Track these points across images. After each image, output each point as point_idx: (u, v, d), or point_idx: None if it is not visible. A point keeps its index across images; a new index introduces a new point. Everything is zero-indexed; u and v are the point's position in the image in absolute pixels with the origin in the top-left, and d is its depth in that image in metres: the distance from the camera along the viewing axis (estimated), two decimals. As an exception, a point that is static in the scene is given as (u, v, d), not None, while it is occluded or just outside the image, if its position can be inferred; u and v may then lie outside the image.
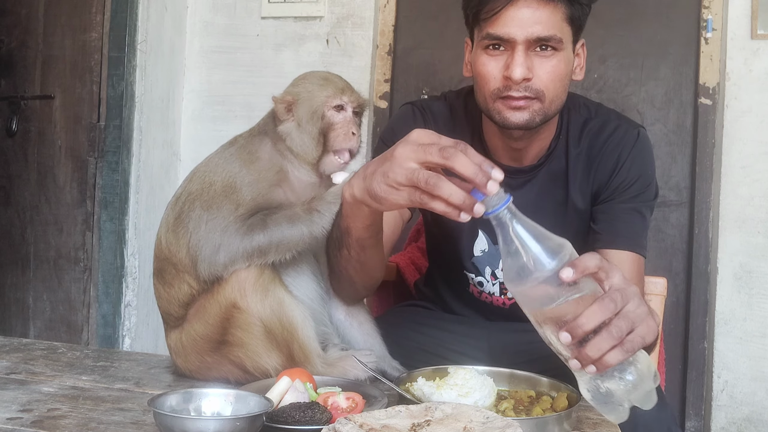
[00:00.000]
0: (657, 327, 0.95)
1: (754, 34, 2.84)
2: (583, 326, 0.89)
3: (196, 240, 1.18)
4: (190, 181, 1.25)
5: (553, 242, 0.93)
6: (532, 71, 1.31)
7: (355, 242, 1.20)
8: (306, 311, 1.19)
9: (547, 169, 1.48)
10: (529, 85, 1.32)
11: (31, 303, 3.14)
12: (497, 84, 1.34)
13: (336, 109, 1.25)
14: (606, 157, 1.45)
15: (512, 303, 1.57)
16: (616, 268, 0.95)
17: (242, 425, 0.86)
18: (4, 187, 3.20)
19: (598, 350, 0.89)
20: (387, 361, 1.29)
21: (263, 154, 1.25)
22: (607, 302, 0.90)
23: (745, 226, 2.86)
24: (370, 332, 1.34)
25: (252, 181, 1.20)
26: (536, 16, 1.29)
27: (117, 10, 2.99)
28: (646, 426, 1.22)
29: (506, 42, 1.31)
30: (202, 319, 1.19)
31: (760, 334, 2.83)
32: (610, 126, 1.47)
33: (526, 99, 1.33)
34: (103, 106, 3.02)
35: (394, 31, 3.23)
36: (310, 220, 1.17)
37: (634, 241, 1.41)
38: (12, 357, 1.31)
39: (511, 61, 1.31)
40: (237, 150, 1.25)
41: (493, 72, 1.34)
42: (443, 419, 0.85)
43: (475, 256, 1.54)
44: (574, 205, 1.47)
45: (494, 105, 1.36)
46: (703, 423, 2.89)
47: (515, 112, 1.34)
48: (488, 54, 1.34)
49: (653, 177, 1.47)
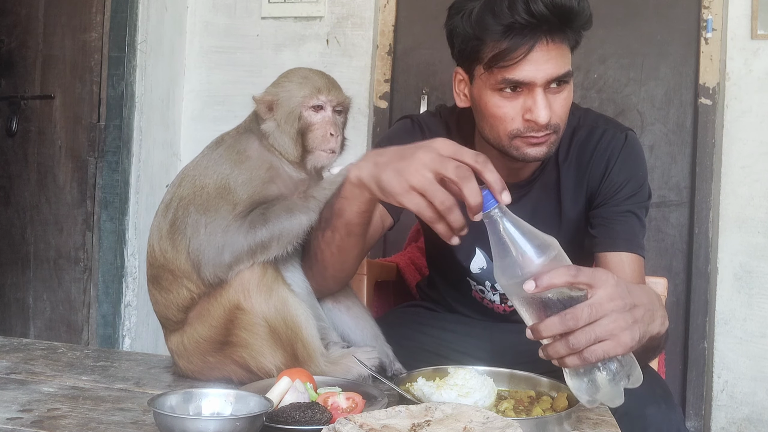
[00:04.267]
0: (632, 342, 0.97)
1: (754, 34, 2.85)
2: (540, 332, 0.97)
3: (196, 245, 1.16)
4: (179, 186, 1.23)
5: (541, 240, 0.99)
6: (551, 109, 1.31)
7: (343, 226, 1.19)
8: (309, 310, 1.19)
9: (541, 182, 1.49)
10: (548, 123, 1.32)
11: (31, 303, 3.14)
12: (517, 125, 1.32)
13: (314, 110, 1.23)
14: (596, 163, 1.46)
15: (513, 310, 1.57)
16: (604, 281, 0.98)
17: (242, 425, 0.86)
18: (4, 187, 3.20)
19: (555, 353, 0.98)
20: (382, 348, 1.29)
21: (252, 152, 1.23)
22: (568, 318, 0.95)
23: (745, 226, 2.86)
24: (367, 324, 1.33)
25: (245, 180, 1.19)
26: (552, 57, 1.28)
27: (117, 10, 2.99)
28: (656, 426, 1.23)
29: (525, 84, 1.30)
30: (204, 321, 1.18)
31: (760, 334, 2.83)
32: (597, 132, 1.47)
33: (546, 136, 1.33)
34: (103, 106, 3.02)
35: (394, 31, 3.23)
36: (307, 208, 1.17)
37: (631, 242, 1.41)
38: (12, 357, 1.31)
39: (533, 105, 1.29)
40: (225, 150, 1.24)
41: (511, 114, 1.32)
42: (443, 419, 0.85)
43: (472, 272, 1.54)
44: (567, 215, 1.48)
45: (512, 143, 1.35)
46: (703, 423, 2.89)
47: (535, 147, 1.34)
48: (503, 96, 1.32)
49: (645, 178, 1.47)
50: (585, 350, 0.95)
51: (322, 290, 1.31)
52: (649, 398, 1.26)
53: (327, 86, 1.25)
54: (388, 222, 1.50)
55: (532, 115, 1.30)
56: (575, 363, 0.96)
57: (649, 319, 1.01)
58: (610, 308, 0.96)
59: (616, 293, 0.97)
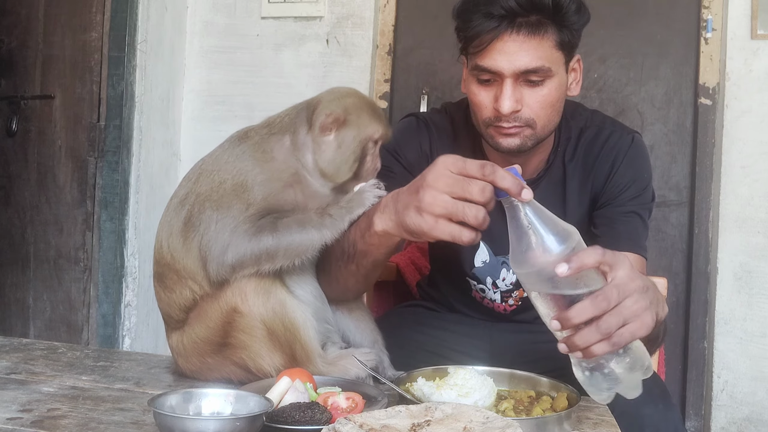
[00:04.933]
0: (652, 322, 0.95)
1: (754, 34, 2.84)
2: (572, 319, 0.92)
3: (206, 240, 1.15)
4: (197, 182, 1.21)
5: (562, 228, 0.95)
6: (521, 102, 1.32)
7: (370, 263, 1.20)
8: (308, 311, 1.18)
9: (546, 181, 1.50)
10: (518, 116, 1.33)
11: (31, 303, 3.14)
12: (488, 113, 1.36)
13: (374, 143, 1.25)
14: (601, 164, 1.46)
15: (512, 309, 1.58)
16: (622, 262, 0.96)
17: (242, 425, 0.86)
18: (4, 187, 3.20)
19: (585, 342, 0.93)
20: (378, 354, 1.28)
21: (279, 154, 1.20)
22: (600, 300, 0.92)
23: (745, 226, 2.86)
24: (368, 327, 1.33)
25: (264, 180, 1.17)
26: (524, 49, 1.29)
27: (117, 10, 2.99)
28: (653, 426, 1.23)
29: (494, 74, 1.32)
30: (203, 323, 1.18)
31: (760, 334, 2.83)
32: (604, 133, 1.48)
33: (516, 127, 1.34)
34: (103, 106, 3.02)
35: (394, 31, 3.23)
36: (322, 225, 1.14)
37: (634, 243, 1.42)
38: (12, 357, 1.31)
39: (500, 94, 1.32)
40: (250, 147, 1.20)
41: (484, 102, 1.36)
42: (443, 419, 0.85)
43: (476, 266, 1.55)
44: (571, 215, 1.48)
45: (487, 131, 1.39)
46: (703, 423, 2.89)
47: (507, 138, 1.36)
48: (479, 84, 1.36)
49: (649, 180, 1.48)
50: (614, 334, 0.92)
51: (342, 300, 1.32)
52: (646, 398, 1.26)
53: (388, 124, 1.26)
54: None
55: (497, 104, 1.32)
56: (604, 350, 0.92)
57: (657, 302, 1.00)
58: (633, 288, 0.94)
59: (633, 274, 0.96)
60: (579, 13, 1.33)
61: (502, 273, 1.53)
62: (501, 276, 1.54)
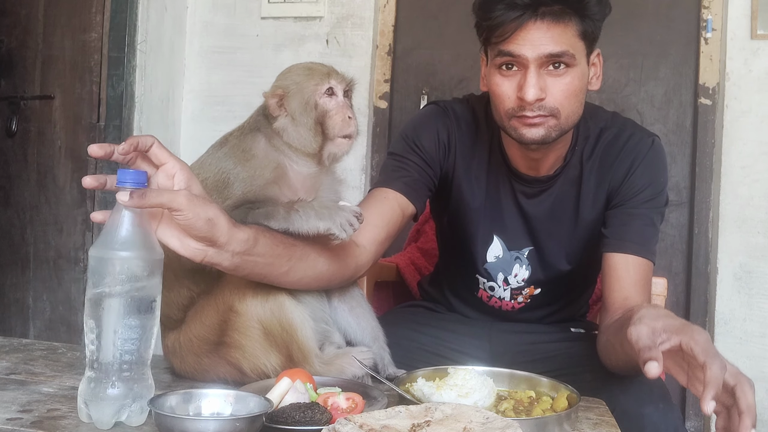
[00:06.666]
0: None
1: (754, 34, 2.84)
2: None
3: None
4: None
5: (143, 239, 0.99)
6: (545, 90, 1.32)
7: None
8: (305, 311, 1.18)
9: (563, 179, 1.50)
10: (543, 104, 1.33)
11: (31, 303, 3.14)
12: (512, 104, 1.35)
13: (328, 96, 1.23)
14: (619, 164, 1.46)
15: (521, 307, 1.57)
16: (715, 354, 1.09)
17: (242, 426, 0.86)
18: (4, 187, 3.20)
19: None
20: (378, 350, 1.28)
21: (258, 151, 1.22)
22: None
23: (745, 226, 2.86)
24: (369, 325, 1.33)
25: (246, 178, 1.18)
26: (547, 36, 1.30)
27: (117, 10, 2.99)
28: (654, 426, 1.23)
29: (518, 62, 1.32)
30: (199, 321, 1.18)
31: (760, 334, 2.83)
32: (625, 134, 1.49)
33: (540, 117, 1.34)
34: (103, 106, 3.02)
35: (394, 31, 3.23)
36: (287, 219, 1.13)
37: (642, 246, 1.41)
38: (12, 357, 1.31)
39: (524, 82, 1.31)
40: (230, 149, 1.23)
41: (507, 92, 1.35)
42: (443, 420, 0.85)
43: (488, 262, 1.55)
44: (585, 214, 1.48)
45: (510, 123, 1.37)
46: (703, 423, 2.89)
47: (531, 128, 1.35)
48: (501, 74, 1.35)
49: (665, 185, 1.48)
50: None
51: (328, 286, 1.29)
52: (646, 398, 1.26)
53: (333, 70, 1.25)
54: (408, 211, 1.47)
55: (521, 92, 1.32)
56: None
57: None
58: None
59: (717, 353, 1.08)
60: (600, 4, 1.34)
61: (514, 269, 1.53)
62: (513, 272, 1.53)
